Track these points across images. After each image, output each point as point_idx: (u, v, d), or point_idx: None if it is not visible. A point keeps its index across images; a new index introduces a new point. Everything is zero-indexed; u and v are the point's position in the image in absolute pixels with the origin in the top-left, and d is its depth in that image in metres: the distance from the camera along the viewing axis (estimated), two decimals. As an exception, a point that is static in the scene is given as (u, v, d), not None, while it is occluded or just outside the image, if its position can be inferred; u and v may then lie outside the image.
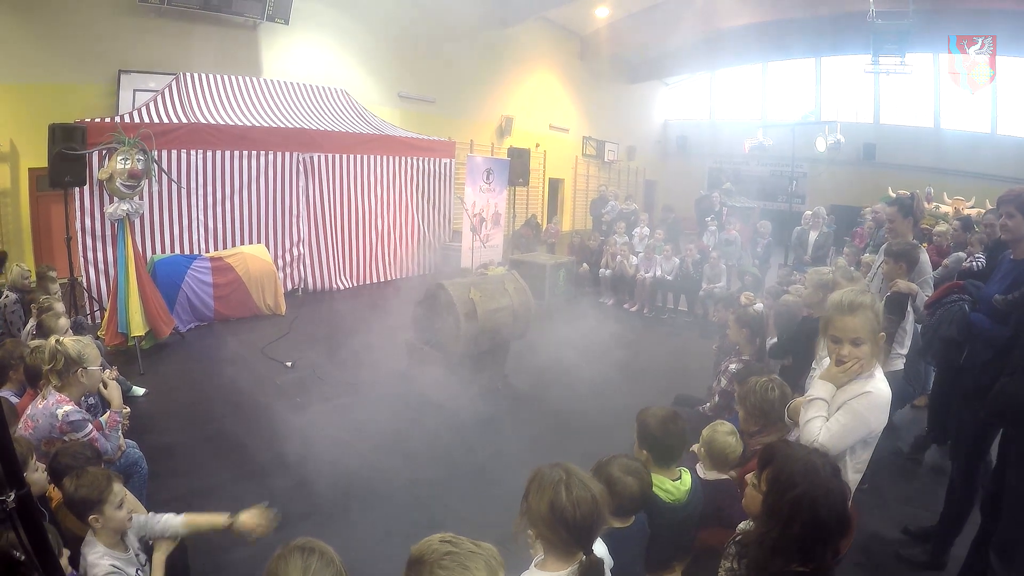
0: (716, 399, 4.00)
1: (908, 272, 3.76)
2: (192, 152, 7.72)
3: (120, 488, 2.26)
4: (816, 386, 2.26)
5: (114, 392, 3.21)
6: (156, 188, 7.32)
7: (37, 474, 2.40)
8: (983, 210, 9.63)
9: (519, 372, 5.93)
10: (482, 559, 1.33)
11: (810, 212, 10.20)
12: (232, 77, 9.27)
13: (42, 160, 6.15)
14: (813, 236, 9.69)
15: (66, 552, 2.01)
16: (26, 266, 5.97)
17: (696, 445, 2.82)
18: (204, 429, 4.56)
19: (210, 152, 7.90)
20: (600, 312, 8.95)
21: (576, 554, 1.66)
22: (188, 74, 8.74)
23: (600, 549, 1.81)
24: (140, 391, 5.11)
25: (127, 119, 7.19)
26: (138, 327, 5.81)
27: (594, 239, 10.88)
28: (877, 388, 2.13)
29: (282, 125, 8.80)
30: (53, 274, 5.90)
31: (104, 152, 6.13)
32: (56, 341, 2.94)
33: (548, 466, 1.73)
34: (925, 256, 3.99)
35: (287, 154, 8.66)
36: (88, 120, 6.87)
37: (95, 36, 8.24)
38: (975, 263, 5.32)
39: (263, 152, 8.41)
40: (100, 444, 2.86)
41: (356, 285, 9.85)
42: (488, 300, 5.22)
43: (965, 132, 15.89)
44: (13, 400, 3.24)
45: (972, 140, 15.52)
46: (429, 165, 10.85)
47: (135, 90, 8.62)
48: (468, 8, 13.21)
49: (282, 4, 9.78)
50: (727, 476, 2.73)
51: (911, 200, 4.53)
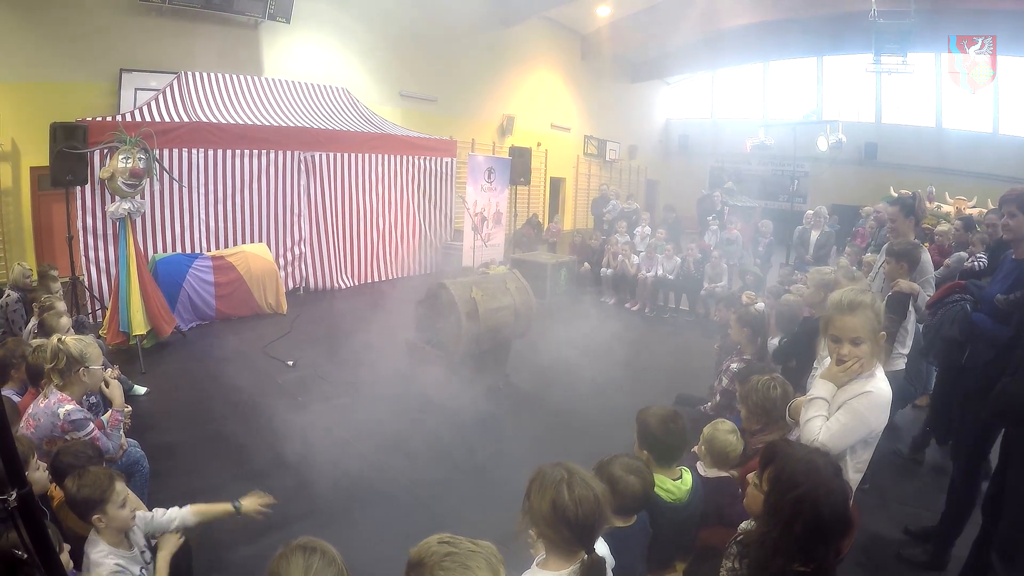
0: (717, 398, 4.00)
1: (910, 272, 3.75)
2: (193, 151, 7.72)
3: (122, 487, 2.26)
4: (816, 385, 2.26)
5: (116, 391, 3.22)
6: (157, 187, 7.33)
7: (38, 473, 2.40)
8: (985, 210, 9.61)
9: (520, 371, 5.93)
10: (482, 557, 1.33)
11: (812, 211, 10.17)
12: (233, 76, 9.26)
13: (44, 159, 6.15)
14: (815, 235, 9.67)
15: (66, 547, 2.01)
16: (28, 265, 5.98)
17: (697, 446, 2.83)
18: (205, 428, 4.57)
19: (211, 151, 7.90)
20: (601, 311, 8.94)
21: (578, 553, 1.66)
22: (189, 73, 8.74)
23: (602, 548, 1.81)
24: (141, 390, 5.12)
25: (128, 118, 7.19)
26: (139, 326, 5.82)
27: (595, 238, 10.87)
28: (878, 388, 2.13)
29: (283, 124, 8.80)
30: (55, 273, 5.90)
31: (106, 151, 6.14)
32: (58, 340, 2.94)
33: (550, 465, 1.73)
34: (927, 256, 3.99)
35: (288, 153, 8.66)
36: (90, 119, 6.87)
37: (96, 35, 8.24)
38: (977, 263, 5.32)
39: (264, 151, 8.41)
40: (102, 443, 2.86)
41: (357, 284, 9.85)
42: (489, 299, 5.22)
43: (967, 132, 15.88)
44: (15, 399, 3.25)
45: (974, 140, 15.51)
46: (431, 164, 10.85)
47: (136, 89, 8.62)
48: (470, 7, 13.21)
49: (283, 3, 9.78)
50: (728, 474, 2.73)
51: (913, 200, 4.53)
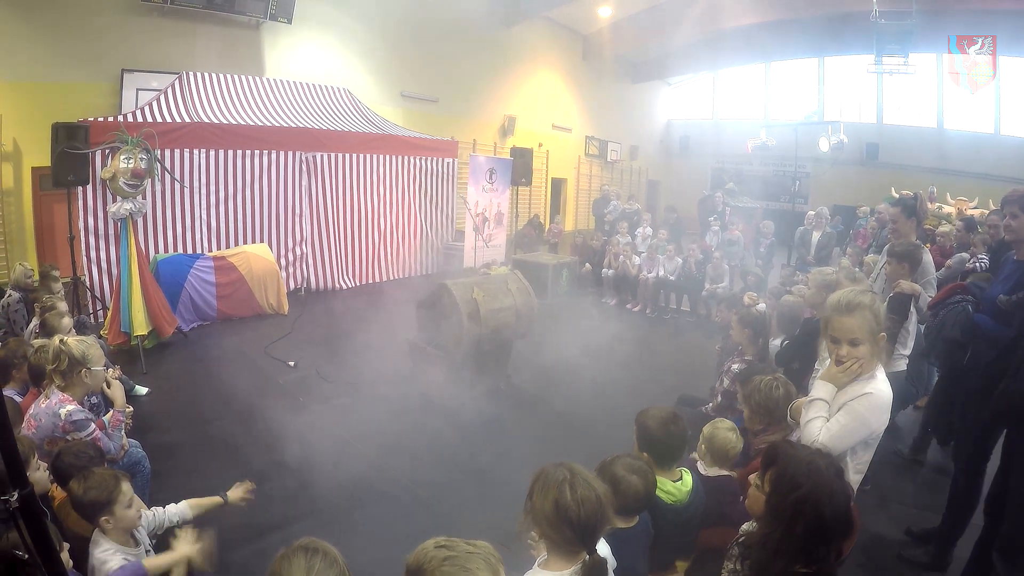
0: (719, 399, 4.00)
1: (911, 273, 3.74)
2: (195, 151, 7.72)
3: (128, 487, 2.26)
4: (817, 387, 2.26)
5: (117, 391, 3.22)
6: (159, 187, 7.33)
7: (39, 473, 2.41)
8: (986, 211, 9.62)
9: (522, 372, 5.93)
10: (481, 558, 1.33)
11: (813, 212, 10.18)
12: (235, 76, 9.27)
13: (45, 159, 6.16)
14: (816, 236, 9.67)
15: (66, 546, 2.01)
16: (29, 265, 5.98)
17: (697, 445, 2.83)
18: (206, 428, 4.57)
19: (213, 151, 7.90)
20: (603, 312, 8.94)
21: (579, 554, 1.65)
22: (191, 73, 8.74)
23: (603, 549, 1.81)
24: (143, 390, 5.12)
25: (130, 118, 7.20)
26: (141, 326, 5.82)
27: (597, 239, 10.86)
28: (878, 389, 2.13)
29: (285, 124, 8.80)
30: (56, 273, 5.90)
31: (107, 151, 6.14)
32: (60, 341, 2.94)
33: (552, 465, 1.73)
34: (928, 257, 3.99)
35: (290, 153, 8.66)
36: (91, 119, 6.87)
37: (98, 35, 8.25)
38: (978, 264, 5.33)
39: (266, 151, 8.41)
40: (103, 443, 2.86)
41: (359, 284, 9.85)
42: (491, 300, 5.22)
43: (968, 132, 15.86)
44: (16, 399, 3.25)
45: (975, 140, 15.50)
46: (432, 165, 10.85)
47: (138, 89, 8.64)
48: (471, 8, 13.20)
49: (285, 3, 9.79)
50: (728, 473, 2.74)
51: (914, 201, 4.53)
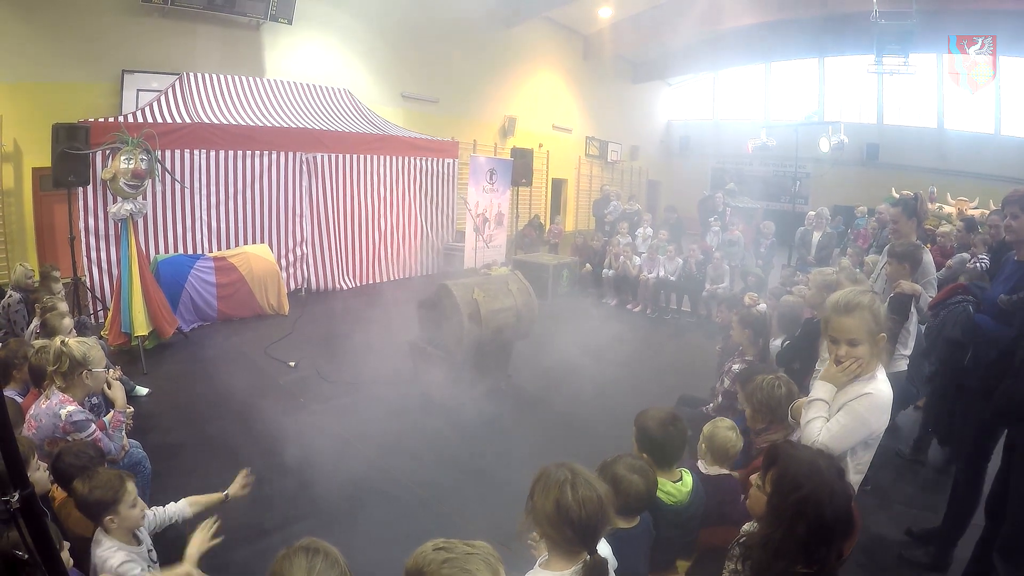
0: (719, 400, 3.99)
1: (911, 273, 3.74)
2: (195, 152, 7.72)
3: (133, 487, 2.27)
4: (816, 387, 2.27)
5: (118, 392, 3.21)
6: (159, 188, 7.34)
7: (39, 473, 2.41)
8: (987, 211, 9.63)
9: (523, 372, 5.92)
10: (480, 559, 1.32)
11: (813, 212, 10.17)
12: (235, 77, 9.27)
13: (46, 159, 6.16)
14: (817, 236, 9.67)
15: (66, 545, 2.01)
16: (29, 266, 5.98)
17: (698, 444, 2.84)
18: (207, 429, 4.56)
19: (213, 152, 7.90)
20: (603, 313, 8.94)
21: (580, 554, 1.65)
22: (192, 74, 8.75)
23: (604, 549, 1.81)
24: (143, 391, 5.12)
25: (131, 119, 7.20)
26: (141, 327, 5.82)
27: (597, 239, 10.85)
28: (878, 389, 2.13)
29: (285, 125, 8.80)
30: (56, 274, 5.90)
31: (108, 152, 6.13)
32: (61, 342, 2.93)
33: (554, 465, 1.73)
34: (928, 257, 3.99)
35: (290, 154, 8.67)
36: (92, 120, 6.88)
37: (99, 36, 8.26)
38: (978, 264, 5.32)
39: (266, 152, 8.42)
40: (103, 444, 2.86)
41: (359, 285, 9.85)
42: (491, 300, 5.21)
43: (969, 133, 15.86)
44: (17, 400, 3.25)
45: (976, 141, 15.49)
46: (432, 165, 10.85)
47: (139, 90, 8.64)
48: (472, 8, 13.20)
49: (285, 4, 9.79)
50: (728, 472, 2.75)
51: (915, 201, 4.53)
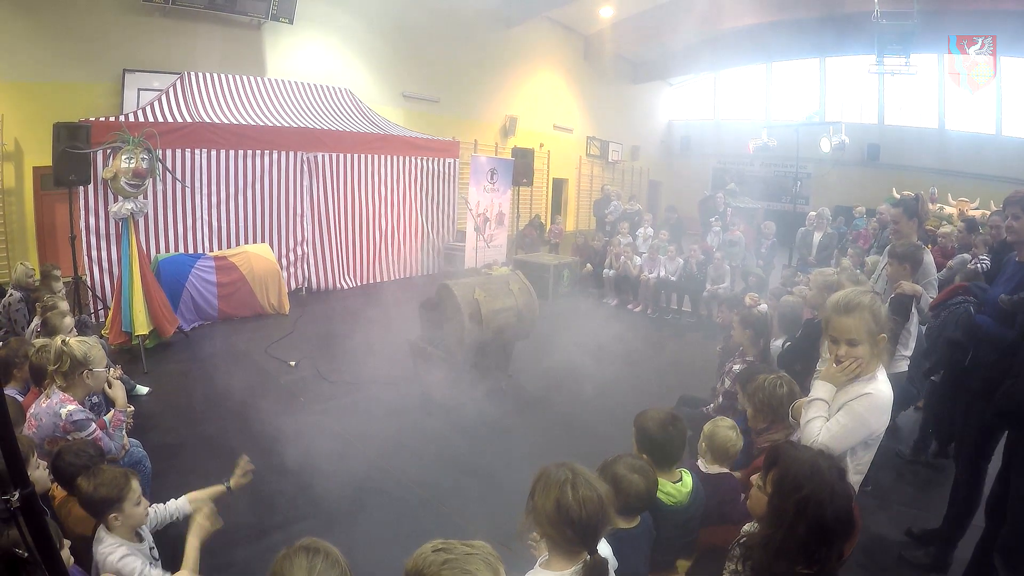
0: (720, 400, 3.99)
1: (912, 273, 3.74)
2: (196, 151, 7.72)
3: (137, 485, 2.27)
4: (816, 387, 2.27)
5: (118, 391, 3.20)
6: (160, 187, 7.33)
7: (39, 472, 2.40)
8: (987, 211, 9.62)
9: (523, 373, 5.92)
10: (480, 559, 1.32)
11: (814, 213, 10.16)
12: (236, 76, 9.27)
13: (47, 159, 6.17)
14: (817, 237, 9.66)
15: (67, 543, 2.01)
16: (30, 264, 5.98)
17: (698, 443, 2.85)
18: (207, 428, 4.57)
19: (214, 151, 7.90)
20: (604, 313, 8.94)
21: (581, 554, 1.65)
22: (192, 73, 8.74)
23: (604, 550, 1.81)
24: (144, 390, 5.12)
25: (132, 118, 7.20)
26: (142, 326, 5.82)
27: (598, 239, 10.85)
28: (878, 389, 2.13)
29: (286, 125, 8.80)
30: (57, 273, 5.90)
31: (108, 151, 6.13)
32: (62, 342, 2.92)
33: (554, 465, 1.72)
34: (929, 257, 3.99)
35: (291, 153, 8.67)
36: (93, 119, 6.88)
37: (100, 35, 8.27)
38: (979, 265, 5.31)
39: (267, 151, 8.42)
40: (104, 443, 2.85)
41: (360, 285, 9.85)
42: (493, 300, 5.21)
43: (969, 133, 15.85)
44: (18, 399, 3.25)
45: (976, 141, 15.48)
46: (433, 165, 10.85)
47: (139, 89, 8.65)
48: (472, 8, 13.20)
49: (286, 3, 9.80)
50: (728, 471, 2.76)
51: (916, 201, 4.53)
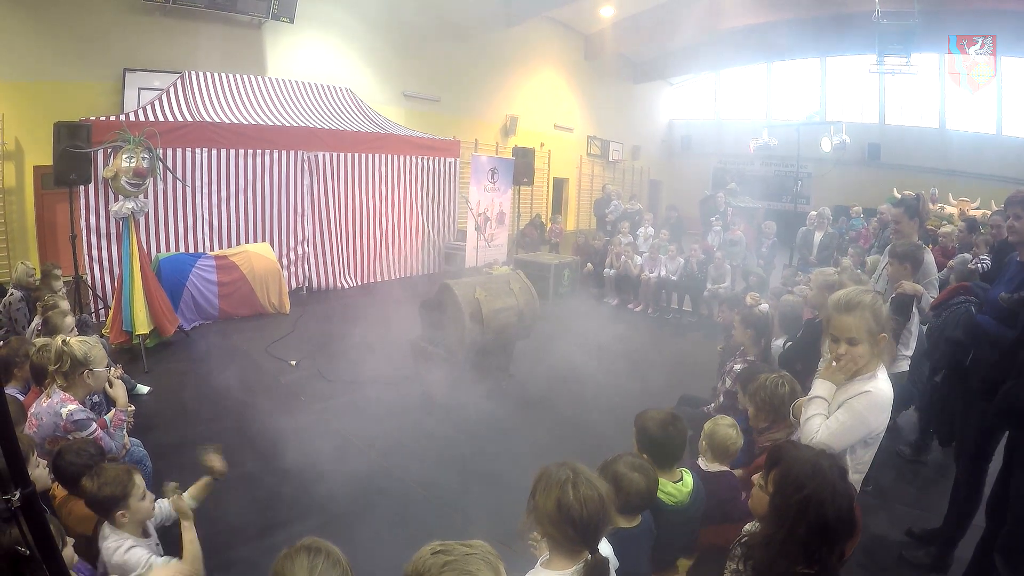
0: (720, 399, 3.99)
1: (913, 273, 3.74)
2: (197, 150, 7.72)
3: (141, 479, 2.26)
4: (816, 385, 2.28)
5: (119, 391, 3.20)
6: (161, 186, 7.31)
7: (38, 470, 2.40)
8: (988, 211, 9.61)
9: (524, 372, 5.92)
10: (479, 558, 1.32)
11: (815, 213, 10.15)
12: (237, 76, 9.26)
13: (47, 158, 6.17)
14: (818, 237, 9.66)
15: (70, 541, 2.01)
16: (31, 264, 5.98)
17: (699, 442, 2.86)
18: (208, 427, 4.56)
19: (215, 150, 7.90)
20: (604, 312, 8.94)
21: (581, 553, 1.65)
22: (193, 72, 8.74)
23: (605, 549, 1.81)
24: (144, 389, 5.12)
25: (132, 117, 7.20)
26: (142, 325, 5.82)
27: (598, 239, 10.85)
28: (877, 388, 2.14)
29: (287, 124, 8.80)
30: (58, 272, 5.90)
31: (109, 150, 6.13)
32: (63, 342, 2.92)
33: (555, 465, 1.73)
34: (930, 257, 3.98)
35: (292, 153, 8.66)
36: (93, 118, 6.88)
37: (100, 34, 8.26)
38: (980, 264, 5.31)
39: (268, 151, 8.41)
40: (104, 443, 2.85)
41: (360, 284, 9.85)
42: (493, 300, 5.21)
43: (970, 133, 15.85)
44: (19, 398, 3.25)
45: (977, 141, 15.48)
46: (434, 164, 10.84)
47: (140, 88, 8.64)
48: (473, 7, 13.20)
49: (287, 3, 9.78)
50: (728, 469, 2.77)
51: (916, 201, 4.53)
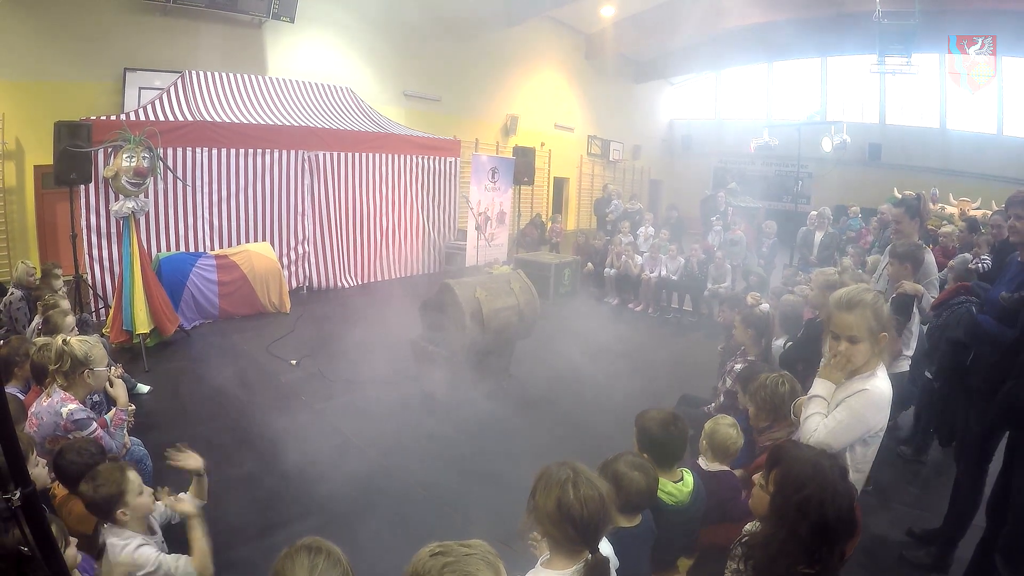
0: (721, 399, 3.99)
1: (913, 273, 3.74)
2: (197, 150, 7.72)
3: (135, 475, 2.25)
4: (816, 383, 2.28)
5: (120, 390, 3.20)
6: (161, 186, 7.32)
7: (37, 469, 2.40)
8: (989, 211, 9.60)
9: (524, 372, 5.92)
10: (479, 558, 1.32)
11: (815, 212, 10.14)
12: (237, 75, 9.26)
13: (48, 157, 6.17)
14: (819, 236, 9.65)
15: (73, 541, 2.00)
16: (31, 263, 5.98)
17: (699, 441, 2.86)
18: (208, 427, 4.56)
19: (215, 150, 7.90)
20: (605, 312, 8.94)
21: (582, 553, 1.65)
22: (193, 72, 8.74)
23: (606, 548, 1.81)
24: (145, 388, 5.12)
25: (133, 117, 7.20)
26: (143, 324, 5.83)
27: (599, 238, 10.84)
28: (876, 386, 2.14)
29: (287, 123, 8.80)
30: (58, 271, 5.90)
31: (110, 149, 6.13)
32: (63, 341, 2.92)
33: (555, 464, 1.73)
34: (930, 257, 3.98)
35: (292, 152, 8.66)
36: (94, 118, 6.88)
37: (101, 34, 8.26)
38: (981, 264, 5.30)
39: (268, 150, 8.41)
40: (105, 442, 2.85)
41: (361, 283, 9.85)
42: (493, 299, 5.21)
43: (971, 133, 15.83)
44: (19, 397, 3.25)
45: (978, 141, 15.46)
46: (434, 164, 10.84)
47: (140, 88, 8.64)
48: (474, 7, 13.19)
49: (287, 2, 9.79)
50: (728, 469, 2.77)
51: (917, 201, 4.52)
